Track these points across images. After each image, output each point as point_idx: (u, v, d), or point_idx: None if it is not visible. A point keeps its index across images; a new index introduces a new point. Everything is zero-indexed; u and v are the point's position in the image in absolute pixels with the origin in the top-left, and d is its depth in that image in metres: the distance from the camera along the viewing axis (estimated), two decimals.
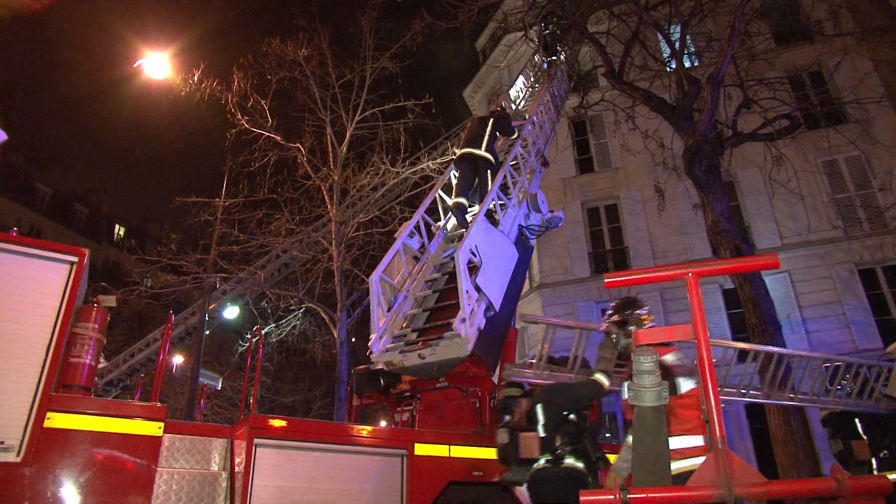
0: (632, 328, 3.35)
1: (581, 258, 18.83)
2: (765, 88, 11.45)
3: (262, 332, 16.30)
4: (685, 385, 2.94)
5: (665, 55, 12.61)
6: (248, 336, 17.52)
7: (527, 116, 9.30)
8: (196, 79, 14.01)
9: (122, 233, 39.57)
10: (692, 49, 13.46)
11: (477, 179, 7.42)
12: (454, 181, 7.73)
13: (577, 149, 20.67)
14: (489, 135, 7.57)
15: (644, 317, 3.42)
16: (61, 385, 3.56)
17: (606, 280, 2.51)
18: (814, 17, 15.33)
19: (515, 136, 8.06)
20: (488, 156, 7.44)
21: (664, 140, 12.59)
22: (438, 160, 15.67)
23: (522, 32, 12.05)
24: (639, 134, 12.74)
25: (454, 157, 7.78)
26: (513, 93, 12.01)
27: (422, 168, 15.46)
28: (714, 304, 16.18)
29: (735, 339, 15.65)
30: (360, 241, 15.20)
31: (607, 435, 13.49)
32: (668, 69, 12.03)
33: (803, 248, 16.25)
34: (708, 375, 2.05)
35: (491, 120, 7.76)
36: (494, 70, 23.62)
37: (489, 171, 7.31)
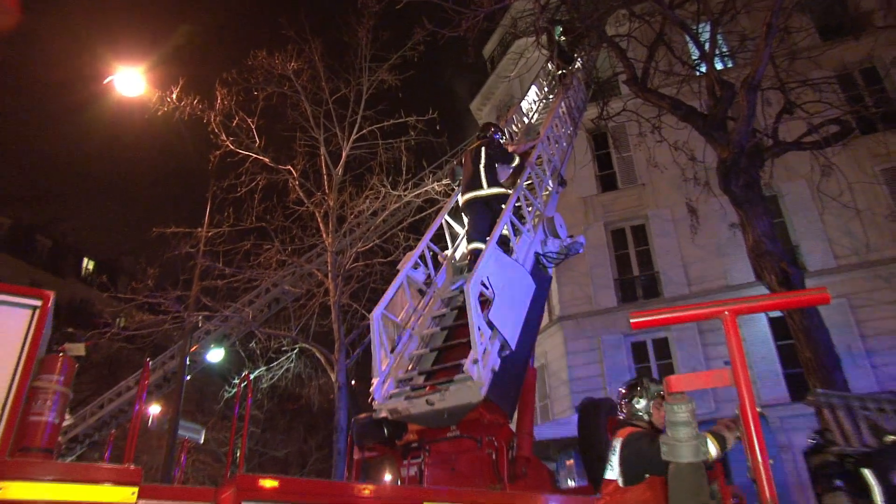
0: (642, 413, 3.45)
1: (606, 286, 18.74)
2: (809, 90, 11.43)
3: (251, 376, 16.31)
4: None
5: (693, 58, 12.67)
6: (235, 381, 17.49)
7: (541, 132, 9.33)
8: (174, 96, 14.14)
9: (90, 267, 39.40)
10: (724, 50, 13.52)
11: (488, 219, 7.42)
12: (465, 218, 7.76)
13: (599, 164, 20.75)
14: (485, 167, 7.61)
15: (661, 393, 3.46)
16: (18, 448, 3.48)
17: (633, 320, 2.47)
18: (863, 8, 15.34)
19: (515, 163, 8.05)
20: (495, 191, 7.48)
21: (695, 152, 12.58)
22: (444, 181, 15.72)
23: (533, 38, 12.15)
24: (666, 146, 12.75)
25: (460, 206, 7.81)
26: (524, 105, 12.07)
27: (426, 190, 15.49)
28: (760, 334, 15.99)
29: (787, 374, 15.54)
30: (359, 273, 15.16)
31: None
32: (698, 73, 12.08)
33: (862, 269, 16.00)
34: (752, 426, 1.99)
35: (483, 149, 7.79)
36: (504, 80, 23.89)
37: (504, 206, 7.27)
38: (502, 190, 7.52)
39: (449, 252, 7.79)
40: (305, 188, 14.89)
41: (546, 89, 13.36)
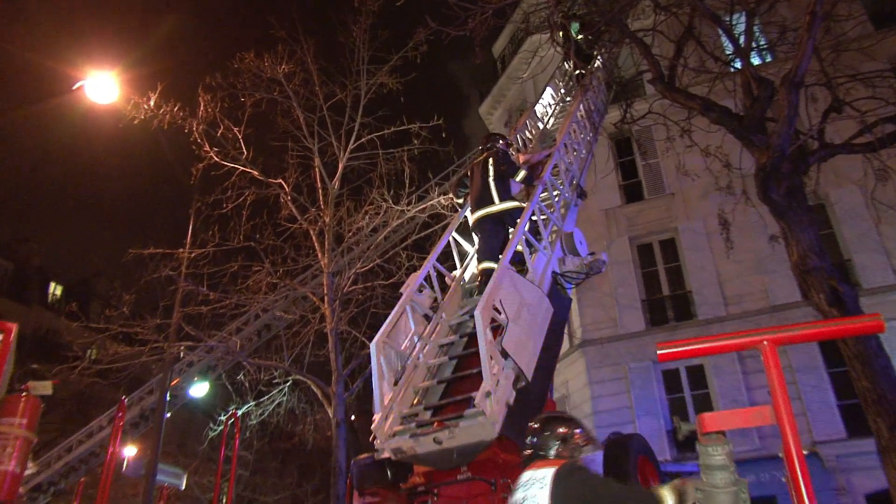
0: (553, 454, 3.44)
1: (632, 307, 18.68)
2: (860, 86, 11.32)
3: (239, 412, 16.35)
4: None
5: (727, 53, 12.68)
6: (221, 418, 17.48)
7: (557, 138, 9.36)
8: (152, 103, 14.22)
9: (58, 293, 39.16)
10: (761, 43, 13.51)
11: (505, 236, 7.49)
12: (475, 237, 7.82)
13: (622, 173, 20.76)
14: (495, 180, 7.70)
15: (577, 437, 3.46)
16: None
17: (660, 352, 2.44)
18: None
19: (520, 177, 8.06)
20: (509, 205, 7.56)
21: (730, 158, 12.51)
22: (451, 194, 15.76)
23: (548, 34, 12.20)
24: (697, 151, 12.72)
25: (470, 224, 7.89)
26: (539, 109, 12.13)
27: (431, 204, 15.56)
28: (809, 360, 15.84)
29: (843, 406, 15.36)
30: (358, 296, 15.21)
31: None
32: (732, 70, 12.07)
33: None
34: (799, 472, 1.95)
35: (490, 160, 7.89)
36: (516, 82, 24.00)
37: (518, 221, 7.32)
38: (516, 203, 7.58)
39: (457, 273, 7.78)
40: (298, 203, 14.98)
41: (562, 91, 13.40)
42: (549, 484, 2.97)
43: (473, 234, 7.89)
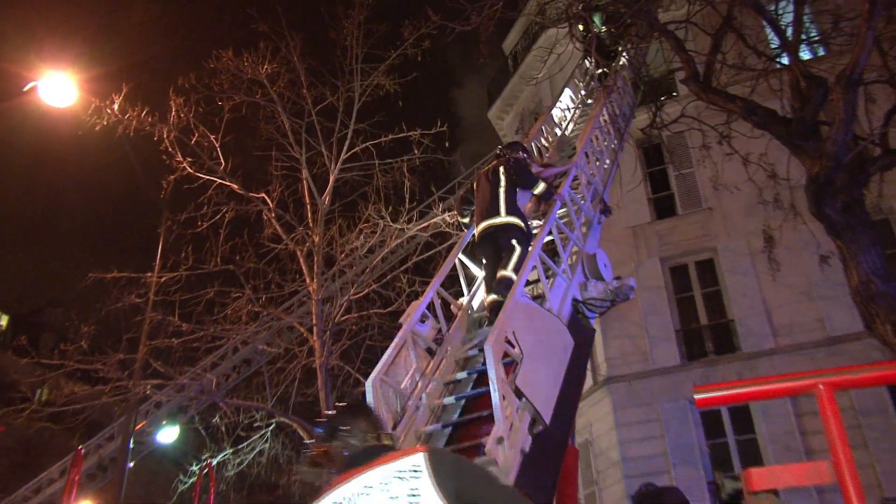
0: None
1: (665, 339, 18.57)
2: None
3: (214, 461, 16.22)
4: None
5: (772, 47, 12.67)
6: (194, 468, 17.33)
7: (577, 146, 9.32)
8: (116, 107, 14.25)
9: (3, 324, 38.95)
10: (812, 35, 13.48)
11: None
12: (481, 256, 7.82)
13: (651, 185, 20.77)
14: (506, 190, 7.69)
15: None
16: None
17: (697, 397, 2.36)
18: None
19: (539, 189, 8.04)
20: (511, 220, 7.51)
21: (776, 167, 12.51)
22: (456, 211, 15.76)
23: (566, 28, 12.21)
24: (738, 160, 12.69)
25: (474, 238, 7.89)
26: (556, 113, 12.10)
27: (434, 222, 15.54)
28: (877, 402, 15.69)
29: None
30: (351, 327, 15.17)
31: None
32: (778, 66, 12.05)
33: None
34: None
35: (501, 169, 7.90)
36: (530, 82, 23.99)
37: (515, 241, 7.34)
38: (518, 221, 7.53)
39: (465, 300, 7.77)
40: (283, 221, 15.03)
41: (583, 93, 13.41)
42: (428, 469, 2.77)
43: (476, 252, 7.89)
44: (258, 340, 16.36)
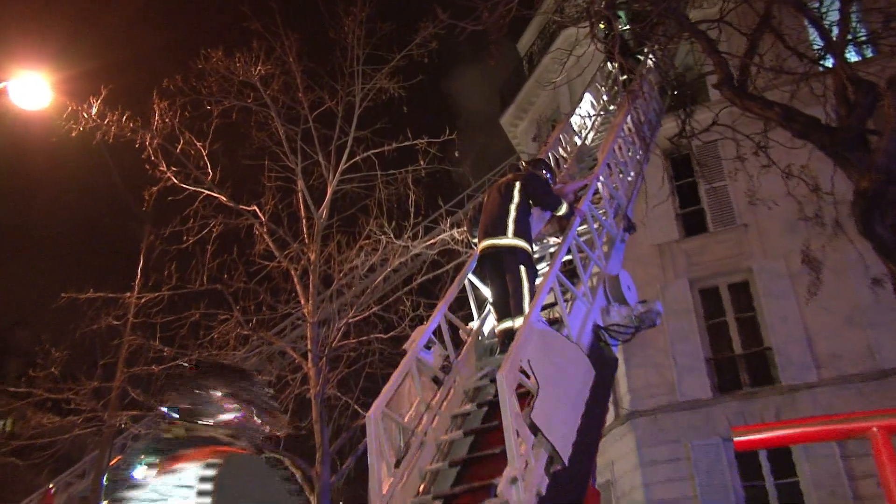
0: None
1: (695, 369, 18.52)
2: None
3: None
4: None
5: (815, 48, 12.62)
6: None
7: (598, 157, 9.34)
8: (94, 111, 14.26)
9: None
10: (860, 35, 13.44)
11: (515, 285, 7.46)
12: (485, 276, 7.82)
13: (680, 199, 20.82)
14: (517, 208, 7.66)
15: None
16: None
17: (735, 438, 2.23)
18: None
19: (562, 210, 8.11)
20: (517, 243, 7.51)
21: (819, 180, 12.47)
22: (466, 228, 15.72)
23: (587, 27, 12.18)
24: (777, 173, 12.65)
25: (476, 255, 7.90)
26: (576, 120, 12.10)
27: (441, 239, 15.52)
28: None
29: None
30: (350, 353, 15.11)
31: None
32: (821, 69, 11.98)
33: None
34: None
35: (517, 185, 7.87)
36: (547, 86, 23.97)
37: (522, 267, 7.37)
38: (525, 245, 7.53)
39: (474, 325, 7.77)
40: (276, 237, 15.01)
41: (605, 98, 13.43)
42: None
43: (479, 270, 7.90)
44: (248, 367, 16.22)
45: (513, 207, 7.68)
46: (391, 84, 15.32)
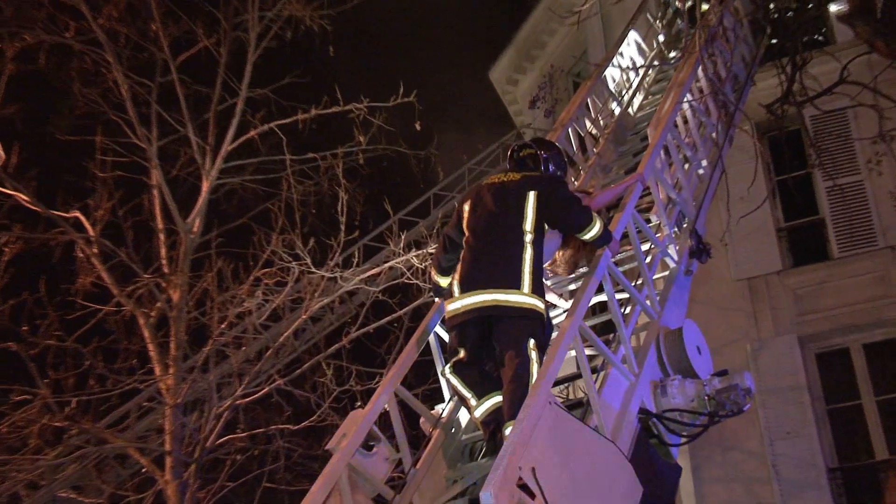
0: None
1: (811, 482, 18.43)
2: None
3: None
4: None
5: None
6: None
7: (650, 136, 9.35)
8: None
9: None
10: None
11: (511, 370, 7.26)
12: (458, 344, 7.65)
13: (784, 205, 20.74)
14: (534, 239, 7.44)
15: None
16: None
17: None
18: None
19: (595, 231, 7.72)
20: (532, 303, 7.23)
21: None
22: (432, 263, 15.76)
23: None
24: None
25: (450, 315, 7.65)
26: (614, 75, 12.11)
27: (390, 267, 15.85)
28: None
29: None
30: (235, 457, 15.54)
31: None
32: None
33: None
34: None
35: (531, 194, 7.60)
36: (562, 21, 23.87)
37: (533, 341, 7.10)
38: (541, 305, 7.29)
39: (444, 407, 7.99)
40: (115, 262, 15.11)
41: (661, 38, 13.46)
42: None
43: (454, 337, 7.69)
44: (59, 483, 16.14)
45: (527, 238, 7.41)
46: (308, 10, 15.37)
